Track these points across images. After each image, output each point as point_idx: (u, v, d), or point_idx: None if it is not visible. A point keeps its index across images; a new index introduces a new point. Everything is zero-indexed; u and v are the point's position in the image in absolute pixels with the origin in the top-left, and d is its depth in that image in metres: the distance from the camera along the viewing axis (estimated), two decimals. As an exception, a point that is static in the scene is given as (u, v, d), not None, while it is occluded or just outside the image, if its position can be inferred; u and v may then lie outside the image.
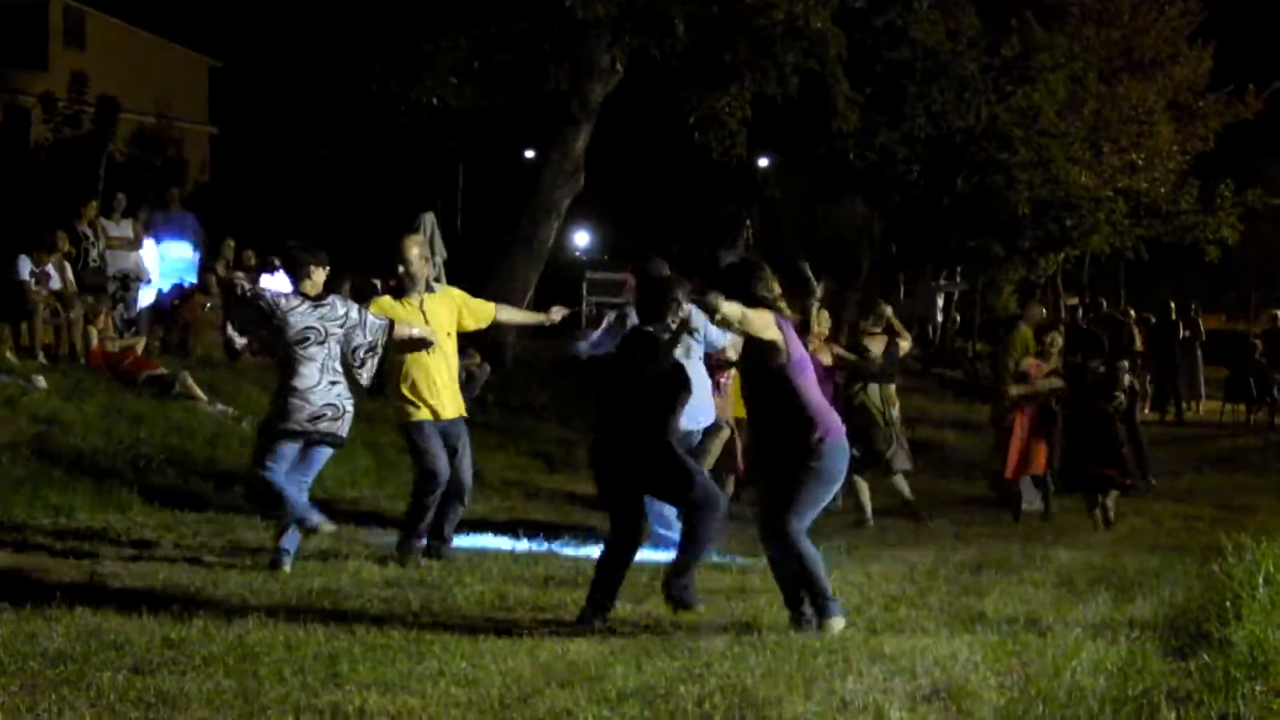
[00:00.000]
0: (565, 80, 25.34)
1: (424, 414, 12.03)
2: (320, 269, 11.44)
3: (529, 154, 37.64)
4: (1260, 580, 9.50)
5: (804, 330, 11.01)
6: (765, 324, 9.14)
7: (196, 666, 7.92)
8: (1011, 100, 33.74)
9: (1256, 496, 19.10)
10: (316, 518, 11.26)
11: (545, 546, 13.32)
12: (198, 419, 17.65)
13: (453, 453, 12.13)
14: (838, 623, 9.17)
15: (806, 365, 9.35)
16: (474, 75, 25.51)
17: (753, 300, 9.13)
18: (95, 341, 19.71)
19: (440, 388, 12.10)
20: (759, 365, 9.34)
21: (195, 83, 51.56)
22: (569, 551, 13.12)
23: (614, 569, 9.71)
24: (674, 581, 9.61)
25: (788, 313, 9.42)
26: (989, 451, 19.44)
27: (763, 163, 40.40)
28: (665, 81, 26.57)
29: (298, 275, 11.42)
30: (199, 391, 18.54)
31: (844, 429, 9.45)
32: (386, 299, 12.21)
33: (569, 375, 22.74)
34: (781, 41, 25.00)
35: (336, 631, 8.88)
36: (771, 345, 9.18)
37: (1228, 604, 9.19)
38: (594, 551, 12.99)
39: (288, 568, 11.27)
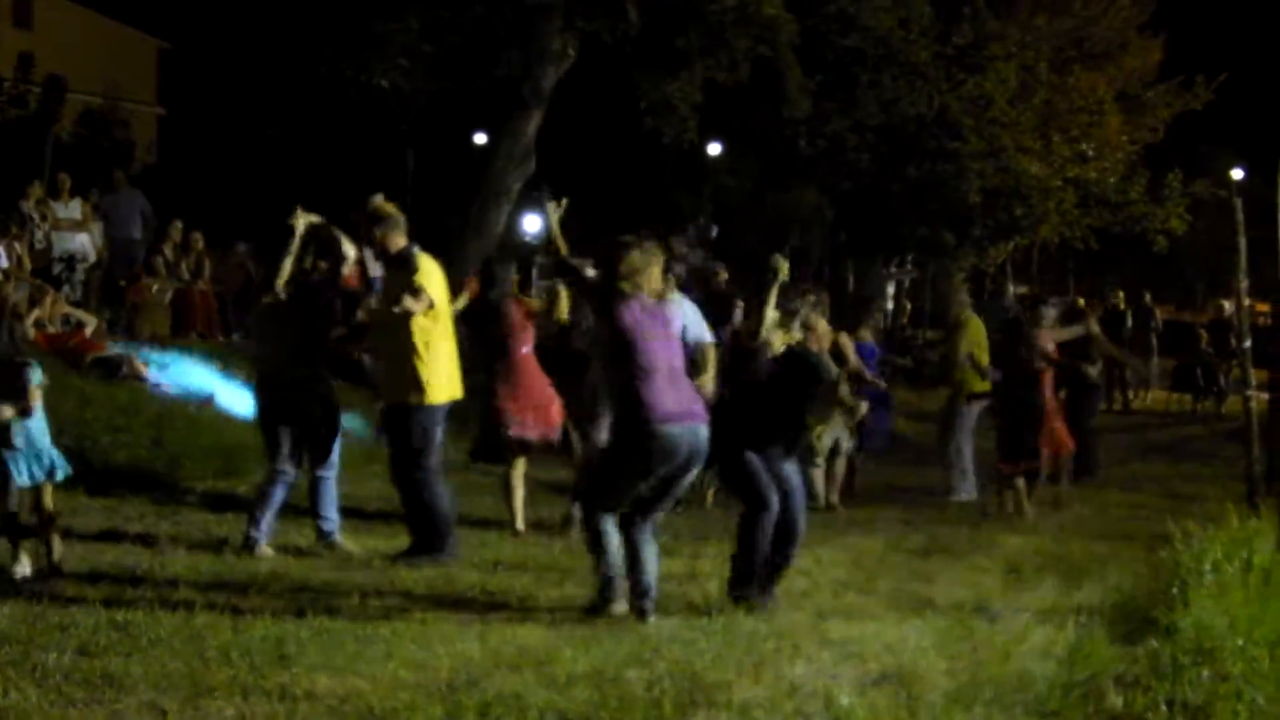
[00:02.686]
0: (517, 64, 25.25)
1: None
2: None
3: (480, 138, 37.53)
4: (1207, 567, 9.57)
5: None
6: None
7: (143, 648, 7.88)
8: (963, 89, 33.81)
9: (1203, 485, 19.15)
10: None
11: (495, 530, 13.27)
12: (144, 401, 17.53)
13: None
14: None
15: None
16: (425, 58, 25.40)
17: None
18: (31, 320, 19.51)
19: None
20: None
21: (144, 64, 51.32)
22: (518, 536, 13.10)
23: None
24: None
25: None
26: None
27: (714, 149, 40.38)
28: (617, 66, 26.52)
29: None
30: (145, 373, 18.41)
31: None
32: None
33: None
34: (733, 28, 24.98)
35: (284, 614, 8.84)
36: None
37: (1174, 590, 9.24)
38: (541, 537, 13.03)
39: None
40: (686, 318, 11.49)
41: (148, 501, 13.86)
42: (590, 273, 9.81)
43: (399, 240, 11.57)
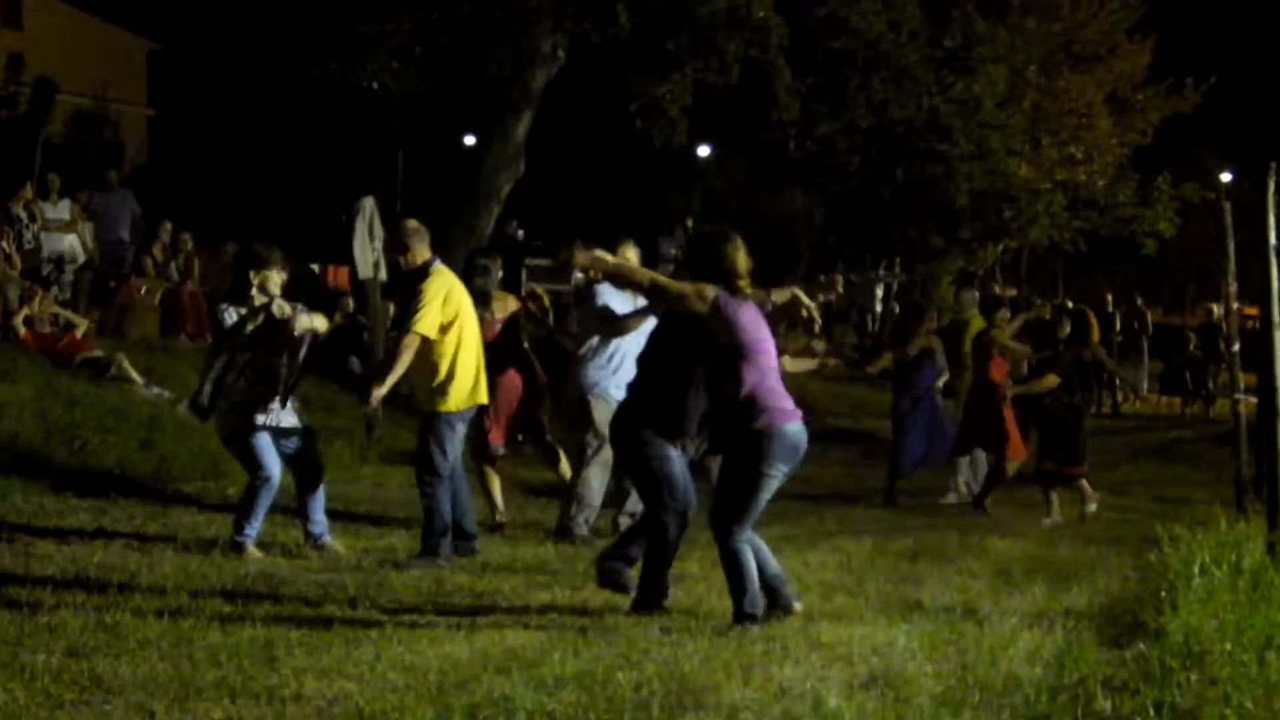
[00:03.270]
0: (507, 66, 25.26)
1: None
2: None
3: (469, 140, 37.55)
4: (1195, 571, 9.57)
5: None
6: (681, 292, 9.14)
7: (131, 650, 7.87)
8: (952, 92, 33.87)
9: (1191, 488, 19.20)
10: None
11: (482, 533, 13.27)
12: (133, 402, 17.51)
13: None
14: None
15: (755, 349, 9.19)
16: (415, 60, 25.41)
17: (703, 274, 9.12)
18: (20, 317, 19.49)
19: None
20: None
21: (134, 65, 51.26)
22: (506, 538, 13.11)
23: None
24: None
25: (747, 291, 9.32)
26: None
27: (703, 151, 40.40)
28: (607, 69, 26.52)
29: None
30: (135, 374, 18.39)
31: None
32: None
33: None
34: (724, 30, 24.99)
35: (273, 616, 8.85)
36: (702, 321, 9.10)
37: (1163, 594, 9.24)
38: (531, 539, 13.04)
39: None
40: None
41: (137, 503, 13.85)
42: (678, 286, 9.50)
43: (422, 254, 11.78)
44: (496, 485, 13.90)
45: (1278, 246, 11.00)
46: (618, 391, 12.09)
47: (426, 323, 11.43)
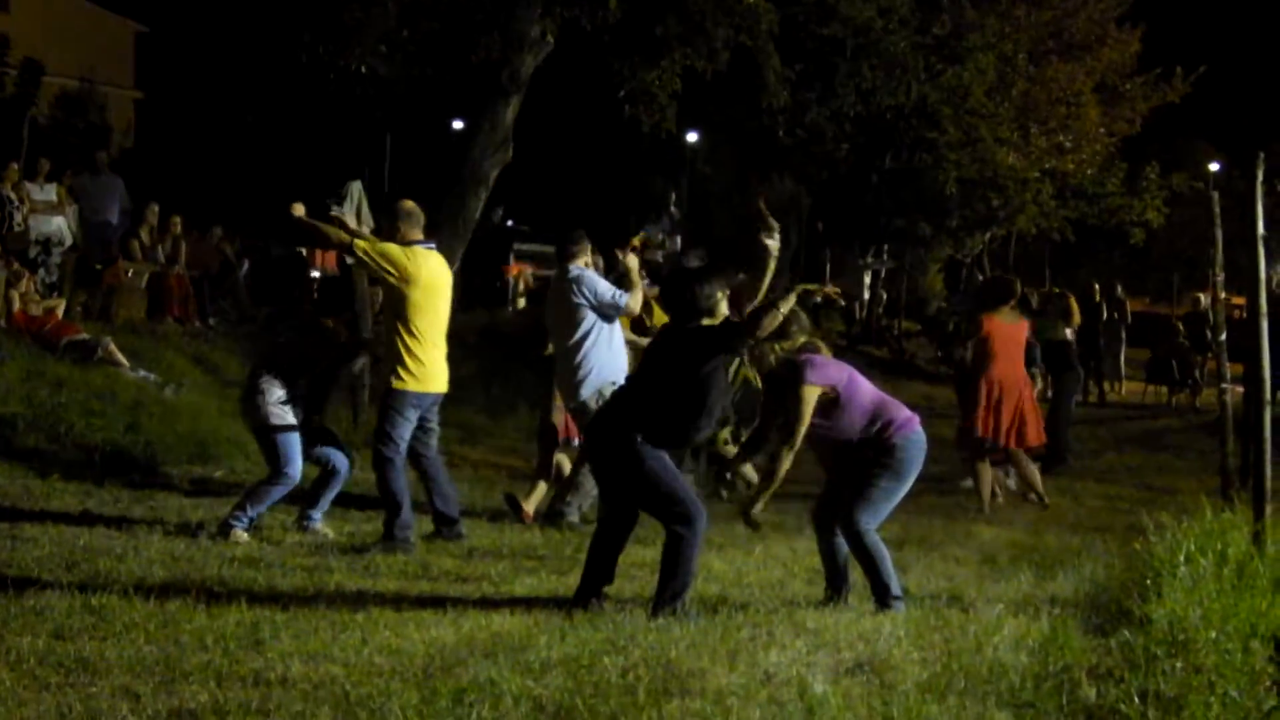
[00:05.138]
0: (495, 51, 25.18)
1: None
2: None
3: (457, 124, 37.47)
4: (1180, 559, 9.58)
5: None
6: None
7: (117, 633, 7.87)
8: (941, 79, 33.82)
9: (1177, 477, 19.23)
10: None
11: (469, 517, 13.27)
12: (120, 385, 17.49)
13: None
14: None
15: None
16: (403, 44, 25.31)
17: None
18: (17, 305, 19.50)
19: None
20: None
21: (121, 47, 51.12)
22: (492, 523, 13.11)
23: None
24: None
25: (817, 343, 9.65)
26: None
27: (692, 138, 40.36)
28: (596, 54, 26.47)
29: None
30: (121, 357, 18.38)
31: None
32: None
33: (495, 346, 22.72)
34: (713, 16, 24.92)
35: (259, 599, 8.84)
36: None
37: (1148, 582, 9.26)
38: (516, 524, 13.06)
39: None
40: None
41: (122, 486, 13.85)
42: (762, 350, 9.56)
43: (414, 235, 11.89)
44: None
45: (1265, 236, 11.00)
46: (611, 375, 12.16)
47: (378, 247, 11.62)
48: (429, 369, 11.72)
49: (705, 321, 9.11)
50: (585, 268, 12.91)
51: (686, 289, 9.20)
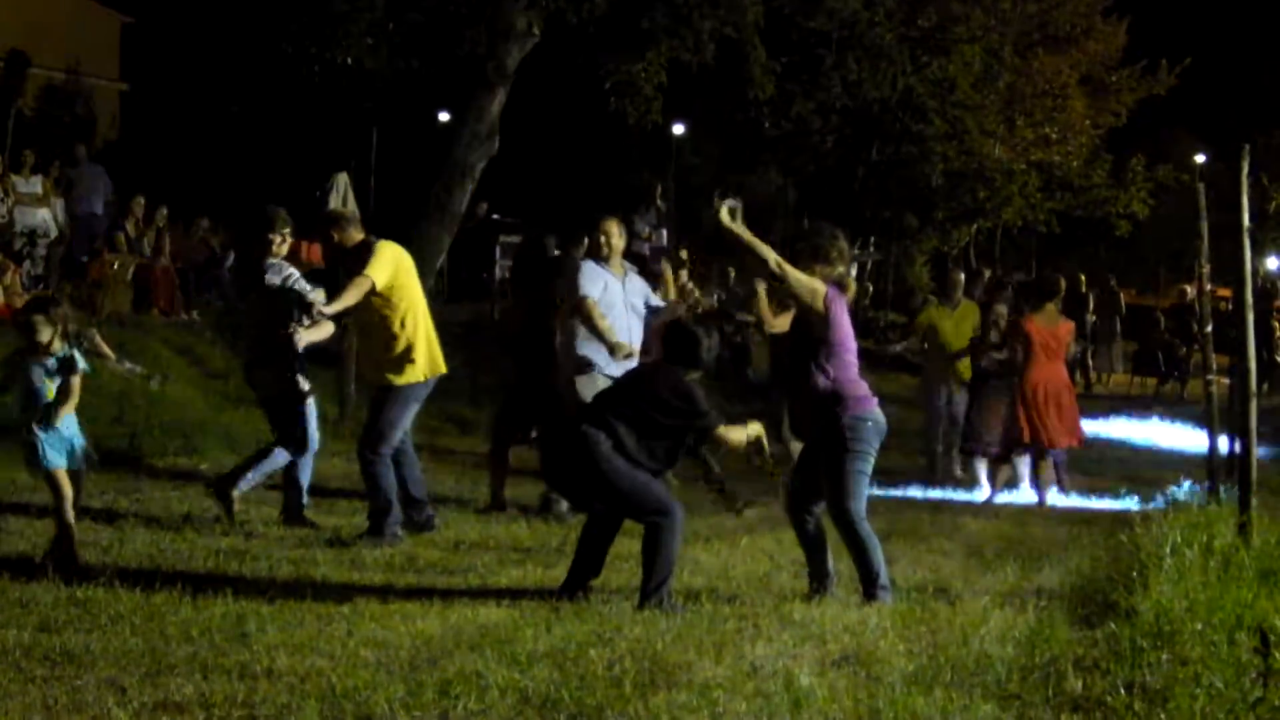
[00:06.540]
0: (481, 43, 25.17)
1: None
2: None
3: (443, 117, 37.45)
4: (1166, 551, 9.58)
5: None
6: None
7: (103, 625, 7.86)
8: (927, 71, 33.89)
9: (1164, 469, 19.25)
10: None
11: (455, 510, 13.27)
12: (105, 377, 17.46)
13: None
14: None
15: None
16: (389, 36, 25.31)
17: None
18: (2, 298, 19.47)
19: None
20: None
21: (106, 39, 50.88)
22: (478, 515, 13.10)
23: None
24: None
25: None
26: (915, 423, 19.33)
27: (678, 130, 40.35)
28: (582, 46, 26.46)
29: None
30: (107, 349, 18.35)
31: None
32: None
33: (483, 339, 22.68)
34: (699, 8, 24.94)
35: (245, 592, 8.83)
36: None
37: (1134, 574, 9.25)
38: (504, 516, 13.04)
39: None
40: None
41: (108, 478, 13.79)
42: (796, 274, 9.58)
43: (355, 236, 11.84)
44: None
45: (1250, 228, 11.01)
46: (609, 368, 12.17)
47: (378, 269, 11.42)
48: (426, 355, 11.73)
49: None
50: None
51: (692, 341, 9.43)
